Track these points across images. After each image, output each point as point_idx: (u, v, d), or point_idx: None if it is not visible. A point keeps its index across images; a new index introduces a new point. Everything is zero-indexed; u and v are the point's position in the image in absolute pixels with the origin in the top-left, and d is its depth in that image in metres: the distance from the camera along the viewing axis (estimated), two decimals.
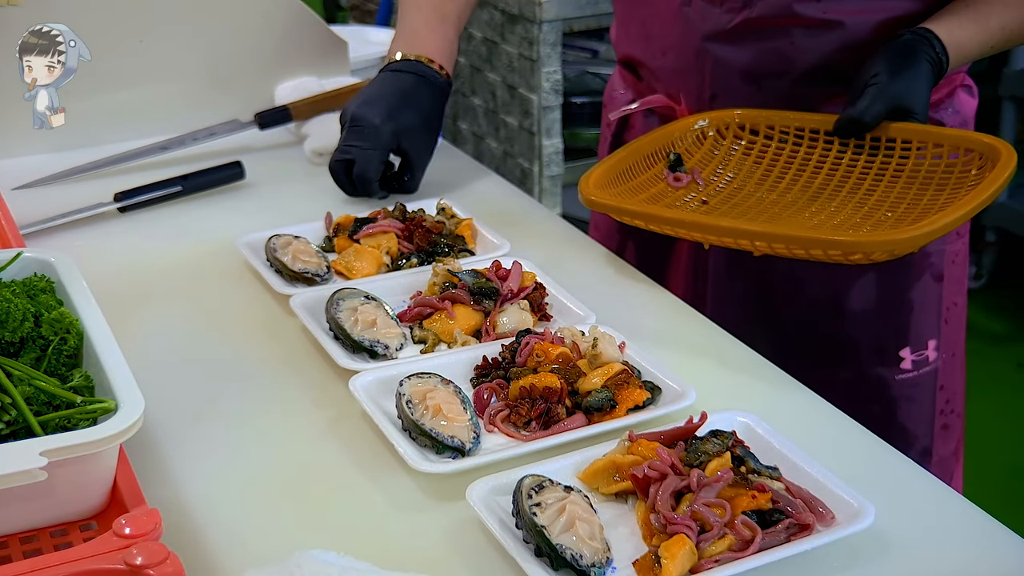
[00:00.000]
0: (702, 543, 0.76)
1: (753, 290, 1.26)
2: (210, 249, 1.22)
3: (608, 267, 1.20)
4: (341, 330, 1.01)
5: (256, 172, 1.39)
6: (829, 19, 1.16)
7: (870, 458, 0.90)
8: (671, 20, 1.21)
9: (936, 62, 1.11)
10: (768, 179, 1.20)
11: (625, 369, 0.94)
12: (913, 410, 1.26)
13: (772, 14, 1.16)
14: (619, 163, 1.18)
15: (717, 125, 1.24)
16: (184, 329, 1.08)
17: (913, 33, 1.12)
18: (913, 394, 1.26)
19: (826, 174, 1.18)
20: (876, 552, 0.79)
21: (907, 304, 1.24)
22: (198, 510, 0.83)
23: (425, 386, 0.92)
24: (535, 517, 0.77)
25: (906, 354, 1.24)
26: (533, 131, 2.63)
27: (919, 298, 1.24)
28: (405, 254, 1.16)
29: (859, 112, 1.12)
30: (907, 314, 1.24)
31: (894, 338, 1.24)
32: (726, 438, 0.85)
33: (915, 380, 1.25)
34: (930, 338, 1.26)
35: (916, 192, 1.12)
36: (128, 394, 0.74)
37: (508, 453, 0.87)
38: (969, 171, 1.10)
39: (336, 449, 0.91)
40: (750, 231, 1.03)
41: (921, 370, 1.26)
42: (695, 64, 1.22)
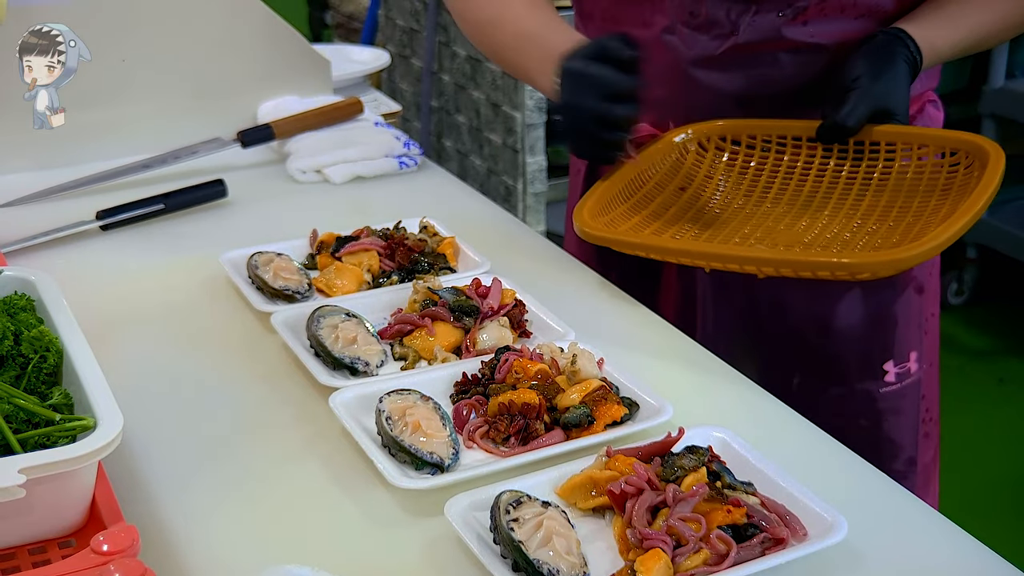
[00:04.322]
0: (678, 557, 0.77)
1: (741, 311, 1.26)
2: (192, 266, 1.22)
3: (588, 285, 1.22)
4: (322, 347, 1.01)
5: (238, 190, 1.40)
6: (816, 42, 1.16)
7: (845, 472, 0.91)
8: (653, 48, 1.20)
9: (912, 62, 1.12)
10: (756, 190, 1.20)
11: (603, 385, 0.95)
12: (899, 422, 1.27)
13: (760, 39, 1.16)
14: (607, 190, 1.17)
15: (698, 138, 1.24)
16: (165, 346, 1.09)
17: (886, 33, 1.13)
18: (898, 406, 1.27)
19: (813, 182, 1.18)
20: (849, 566, 0.80)
21: (891, 318, 1.25)
22: (176, 527, 0.83)
23: (405, 402, 0.92)
24: (512, 532, 0.78)
25: (890, 367, 1.25)
26: (517, 148, 2.65)
27: (903, 311, 1.25)
28: (386, 272, 1.17)
29: (843, 117, 1.12)
30: (892, 328, 1.25)
31: (879, 352, 1.25)
32: (702, 454, 0.86)
33: (900, 392, 1.26)
34: (912, 350, 1.27)
35: (906, 197, 1.12)
36: (107, 411, 0.74)
37: (486, 469, 0.88)
38: (956, 172, 1.11)
39: (315, 466, 0.91)
40: (757, 258, 1.04)
41: (904, 382, 1.27)
42: (681, 91, 1.22)
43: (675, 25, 1.18)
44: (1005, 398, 2.69)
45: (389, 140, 1.46)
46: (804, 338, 1.25)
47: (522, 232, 1.37)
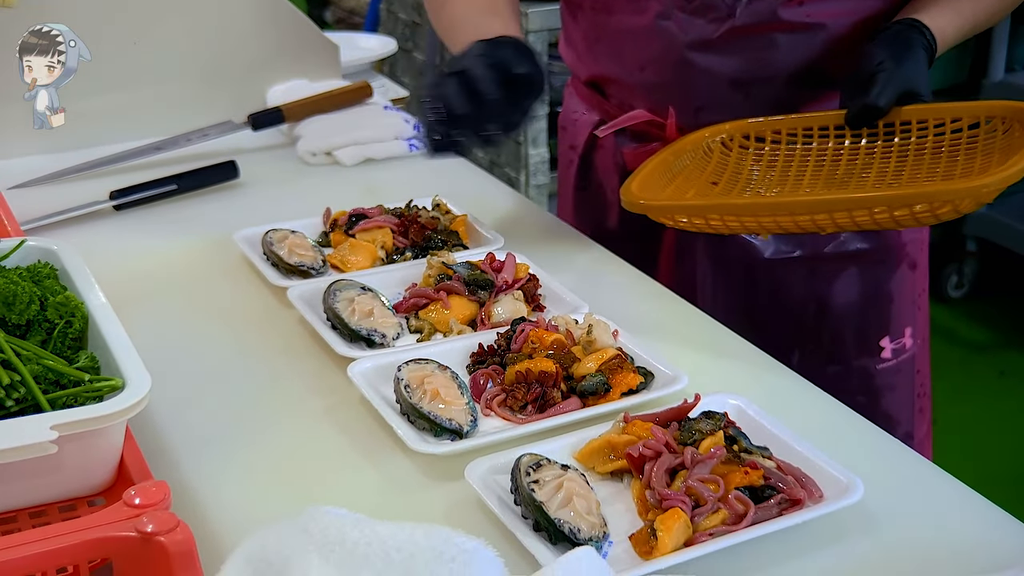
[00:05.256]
0: (696, 517, 0.78)
1: (740, 291, 1.28)
2: (206, 245, 1.23)
3: (599, 261, 1.23)
4: (339, 319, 1.02)
5: (250, 172, 1.41)
6: (812, 22, 1.18)
7: (858, 439, 0.92)
8: (647, 34, 1.20)
9: (928, 48, 1.13)
10: (789, 177, 1.17)
11: (619, 354, 0.96)
12: (895, 397, 1.29)
13: (756, 21, 1.17)
14: (644, 181, 1.14)
15: (719, 136, 1.21)
16: (181, 321, 1.10)
17: (902, 24, 1.15)
18: (894, 382, 1.29)
19: (847, 164, 1.15)
20: (863, 526, 0.81)
21: (887, 295, 1.27)
22: (201, 491, 0.84)
23: (423, 371, 0.93)
24: (533, 493, 0.79)
25: (886, 343, 1.27)
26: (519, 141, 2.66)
27: (897, 288, 1.27)
28: (400, 249, 1.18)
29: (873, 98, 1.11)
30: (887, 304, 1.27)
31: (876, 329, 1.27)
32: (718, 419, 0.87)
33: (895, 368, 1.28)
34: (907, 326, 1.29)
35: (947, 163, 1.10)
36: (135, 372, 0.75)
37: (505, 435, 0.89)
38: (994, 136, 1.09)
39: (335, 433, 0.92)
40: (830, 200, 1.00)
41: (899, 358, 1.29)
42: (678, 76, 1.22)
43: (670, 10, 1.19)
44: (1006, 391, 2.71)
45: (398, 123, 1.47)
46: (802, 317, 1.27)
47: (532, 212, 1.38)
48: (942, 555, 0.78)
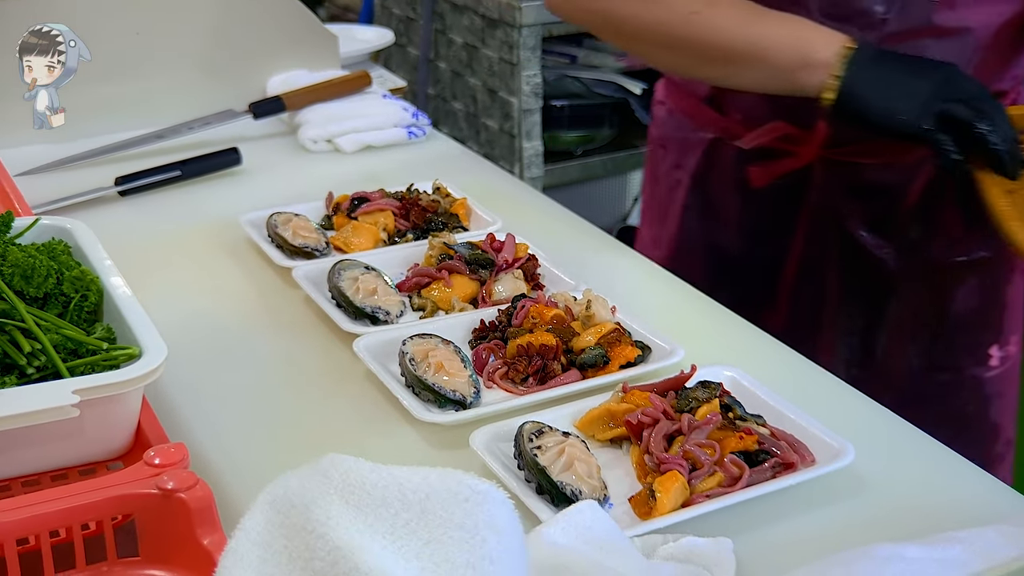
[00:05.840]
0: (693, 479, 0.81)
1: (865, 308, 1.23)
2: (210, 229, 1.26)
3: (598, 242, 1.26)
4: (343, 297, 1.05)
5: (252, 159, 1.43)
6: (963, 26, 1.12)
7: (850, 408, 0.96)
8: None
9: None
10: None
11: (617, 328, 0.99)
12: (1002, 404, 1.27)
13: (909, 27, 1.11)
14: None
15: None
16: (190, 300, 1.12)
17: None
18: (1002, 389, 1.27)
19: None
20: (854, 491, 0.84)
21: (1001, 303, 1.25)
22: (215, 457, 0.87)
23: (427, 345, 0.96)
24: (536, 457, 0.82)
25: (994, 351, 1.25)
26: (514, 134, 2.69)
27: (1011, 296, 1.25)
28: (401, 231, 1.21)
29: None
30: (1001, 312, 1.25)
31: (988, 337, 1.25)
32: (714, 388, 0.90)
33: (1002, 375, 1.26)
34: (1012, 333, 1.27)
35: None
36: (151, 341, 0.78)
37: (507, 405, 0.92)
38: None
39: (342, 406, 0.95)
40: None
41: (1006, 365, 1.27)
42: None
43: (817, 18, 1.11)
44: None
45: (397, 111, 1.50)
46: (923, 325, 1.23)
47: (532, 196, 1.41)
48: (928, 514, 0.81)
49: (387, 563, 0.49)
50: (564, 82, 2.78)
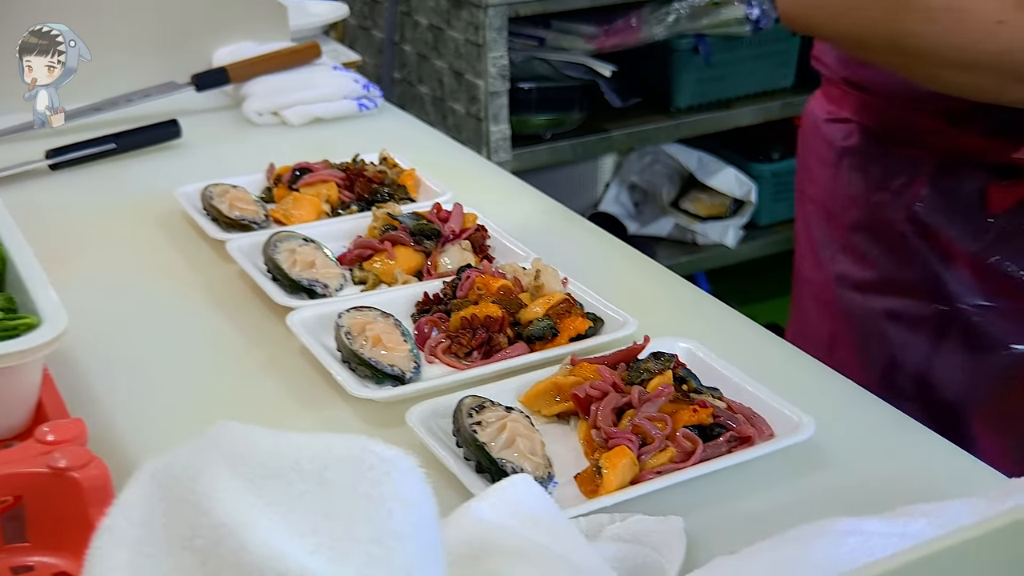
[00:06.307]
0: (643, 455, 0.76)
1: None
2: (145, 204, 1.19)
3: (553, 215, 1.20)
4: (279, 270, 0.99)
5: (193, 133, 1.37)
6: None
7: (812, 382, 0.90)
8: None
9: None
10: None
11: (567, 299, 0.93)
12: None
13: None
14: None
15: None
16: (116, 276, 1.06)
17: None
18: None
19: None
20: (815, 466, 0.79)
21: None
22: (133, 440, 0.81)
23: (364, 318, 0.90)
24: (475, 434, 0.76)
25: None
26: (480, 117, 2.63)
27: None
28: (345, 203, 1.15)
29: None
30: None
31: None
32: (667, 359, 0.85)
33: None
34: None
35: None
36: (51, 311, 0.72)
37: (449, 379, 0.86)
38: None
39: (274, 383, 0.89)
40: None
41: None
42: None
43: None
44: None
45: (348, 83, 1.43)
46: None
47: (487, 169, 1.35)
48: (895, 490, 0.76)
49: (278, 540, 0.44)
50: (532, 64, 2.72)
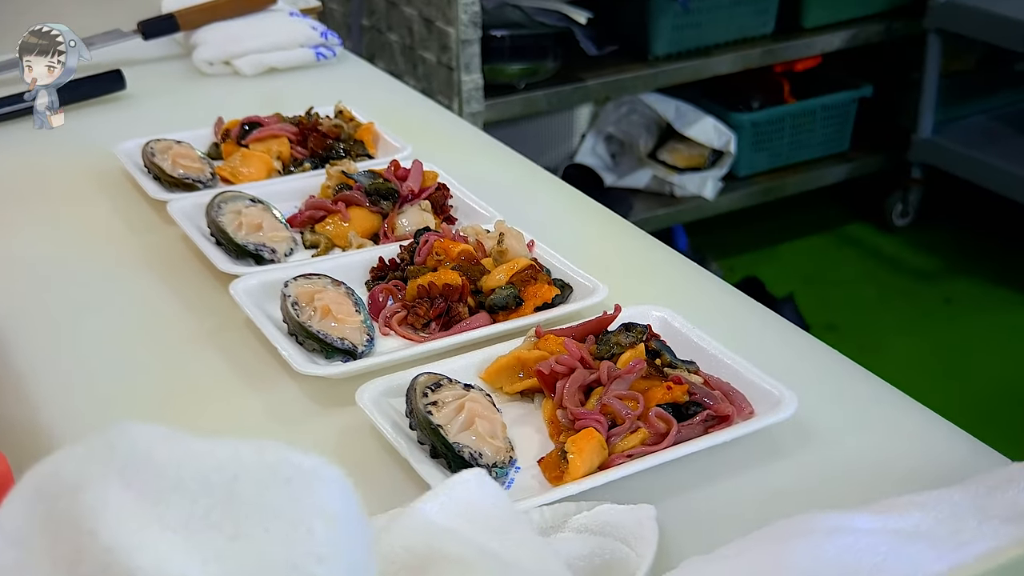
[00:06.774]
0: (613, 437, 0.70)
1: None
2: (84, 161, 1.11)
3: (520, 171, 1.13)
4: (223, 234, 0.92)
5: (139, 84, 1.28)
6: None
7: (795, 353, 0.84)
8: None
9: None
10: None
11: (532, 264, 0.86)
12: None
13: None
14: None
15: None
16: (49, 241, 0.98)
17: None
18: None
19: None
20: (799, 447, 0.73)
21: None
22: (59, 423, 0.74)
23: (313, 287, 0.83)
24: (430, 416, 0.70)
25: None
26: (452, 66, 2.54)
27: None
28: (298, 160, 1.07)
29: None
30: None
31: None
32: (640, 331, 0.78)
33: None
34: None
35: None
36: None
37: (404, 354, 0.79)
38: None
39: (215, 358, 0.82)
40: None
41: None
42: None
43: None
44: (951, 318, 2.67)
45: (304, 30, 1.35)
46: None
47: (452, 123, 1.27)
48: (885, 473, 0.70)
49: (175, 567, 0.37)
50: (504, 11, 2.62)
